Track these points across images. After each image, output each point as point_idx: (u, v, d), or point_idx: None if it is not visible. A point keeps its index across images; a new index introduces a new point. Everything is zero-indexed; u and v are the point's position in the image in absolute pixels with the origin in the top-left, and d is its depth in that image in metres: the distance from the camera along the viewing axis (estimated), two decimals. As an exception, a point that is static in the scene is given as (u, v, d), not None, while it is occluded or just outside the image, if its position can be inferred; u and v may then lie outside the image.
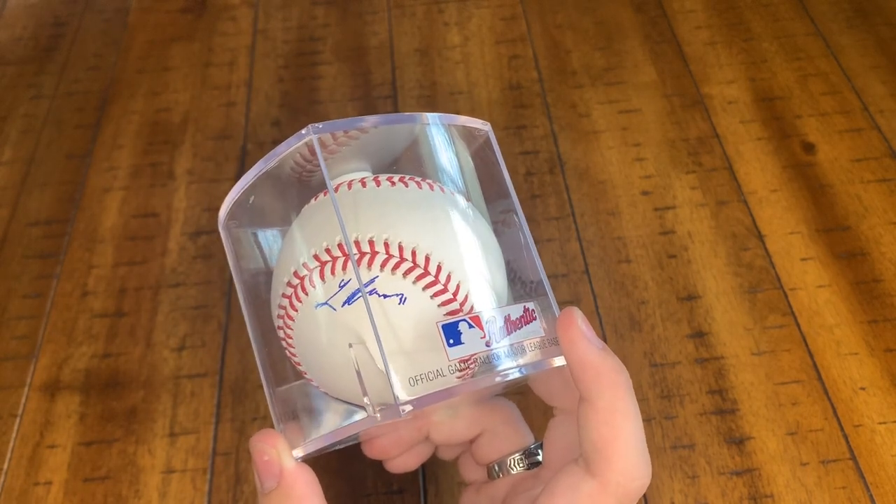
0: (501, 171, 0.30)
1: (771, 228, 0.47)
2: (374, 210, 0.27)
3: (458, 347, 0.26)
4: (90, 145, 0.53)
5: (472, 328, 0.26)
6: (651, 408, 0.40)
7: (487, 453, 0.32)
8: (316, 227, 0.28)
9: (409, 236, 0.27)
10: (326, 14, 0.61)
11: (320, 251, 0.27)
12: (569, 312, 0.26)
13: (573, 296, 0.44)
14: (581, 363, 0.26)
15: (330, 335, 0.27)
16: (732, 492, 0.37)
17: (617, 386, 0.26)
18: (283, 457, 0.27)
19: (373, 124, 0.28)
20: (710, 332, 0.42)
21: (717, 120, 0.53)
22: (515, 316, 0.27)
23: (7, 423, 0.41)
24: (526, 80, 0.56)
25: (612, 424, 0.25)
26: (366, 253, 0.26)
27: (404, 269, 0.26)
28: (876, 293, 0.44)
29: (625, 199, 0.48)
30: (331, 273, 0.27)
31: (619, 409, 0.25)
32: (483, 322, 0.26)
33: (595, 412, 0.26)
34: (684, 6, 0.60)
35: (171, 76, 0.57)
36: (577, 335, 0.26)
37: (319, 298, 0.27)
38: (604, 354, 0.26)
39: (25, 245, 0.48)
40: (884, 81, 0.54)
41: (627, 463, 0.25)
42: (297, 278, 0.27)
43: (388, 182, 0.28)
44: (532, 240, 0.30)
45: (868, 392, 0.40)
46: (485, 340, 0.26)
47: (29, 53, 0.60)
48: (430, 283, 0.26)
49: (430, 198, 0.28)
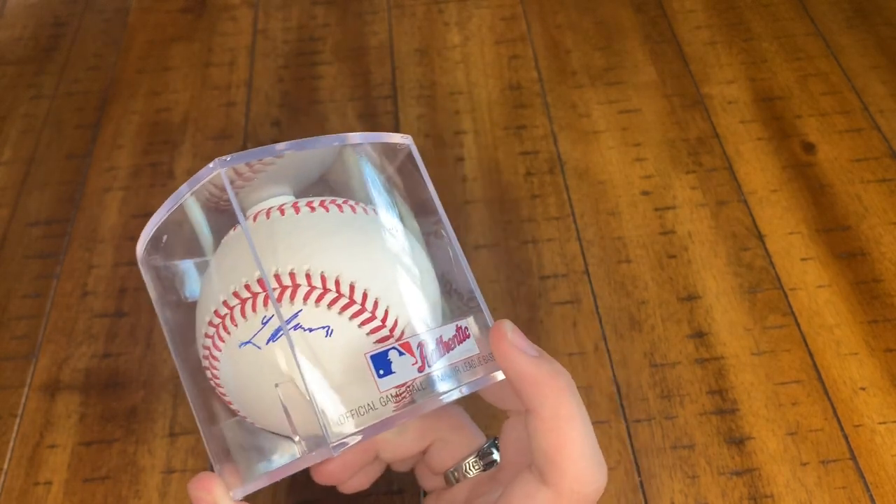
0: (426, 184, 0.30)
1: (771, 228, 0.47)
2: (294, 240, 0.26)
3: (388, 378, 0.25)
4: (90, 145, 0.53)
5: (402, 355, 0.25)
6: (651, 408, 0.40)
7: (441, 461, 0.31)
8: (233, 262, 0.27)
9: (331, 265, 0.26)
10: (326, 14, 0.61)
11: (240, 288, 0.26)
12: (498, 327, 0.26)
13: (573, 296, 0.44)
14: (517, 375, 0.26)
15: (257, 374, 0.26)
16: (732, 492, 0.37)
17: (558, 391, 0.25)
18: (218, 500, 0.26)
19: (283, 151, 0.27)
20: (710, 332, 0.42)
21: (717, 120, 0.53)
22: (448, 336, 0.27)
23: (7, 423, 0.41)
24: (526, 80, 0.56)
25: (559, 431, 0.25)
26: (287, 286, 0.25)
27: (328, 300, 0.26)
28: (876, 293, 0.44)
29: (625, 199, 0.48)
30: (251, 310, 0.26)
31: (563, 416, 0.25)
32: (413, 347, 0.26)
33: (541, 421, 0.25)
34: (684, 6, 0.60)
35: (171, 76, 0.57)
36: (507, 348, 0.26)
37: (243, 337, 0.26)
38: (538, 362, 0.26)
39: (25, 245, 0.48)
40: (884, 81, 0.54)
41: (579, 469, 0.25)
42: (217, 317, 0.26)
43: (307, 208, 0.27)
44: (461, 252, 0.29)
45: (868, 392, 0.40)
46: (416, 366, 0.25)
47: (29, 53, 0.60)
48: (357, 312, 0.26)
49: (352, 221, 0.28)
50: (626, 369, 0.41)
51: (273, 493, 0.38)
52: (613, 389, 0.41)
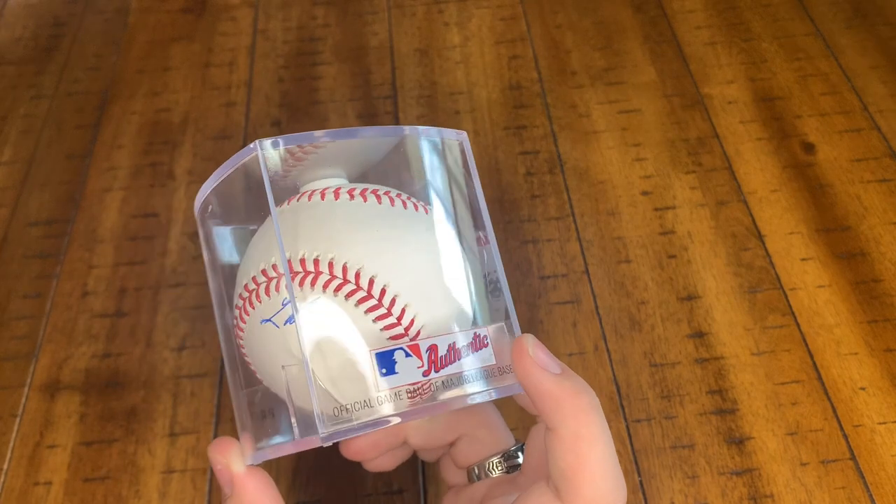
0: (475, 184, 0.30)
1: (771, 228, 0.47)
2: (324, 227, 0.27)
3: (390, 377, 0.25)
4: (90, 145, 0.53)
5: (409, 357, 0.25)
6: (651, 408, 0.40)
7: (466, 457, 0.31)
8: (268, 241, 0.27)
9: (354, 257, 0.26)
10: (326, 14, 0.61)
11: (268, 266, 0.27)
12: (519, 342, 0.26)
13: (573, 296, 0.44)
14: (538, 393, 0.25)
15: (273, 351, 0.26)
16: (732, 492, 0.37)
17: (578, 412, 0.25)
18: (232, 464, 0.27)
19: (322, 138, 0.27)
20: (710, 332, 0.42)
21: (717, 120, 0.53)
22: (463, 343, 0.26)
23: (7, 423, 0.41)
24: (526, 80, 0.56)
25: (577, 452, 0.25)
26: (309, 272, 0.26)
27: (346, 291, 0.26)
28: (876, 293, 0.44)
29: (625, 199, 0.48)
30: (275, 290, 0.26)
31: (584, 436, 0.25)
32: (422, 350, 0.25)
33: (559, 440, 0.25)
34: (684, 6, 0.60)
35: (171, 76, 0.57)
36: (529, 365, 0.25)
37: (265, 314, 0.26)
38: (560, 380, 0.25)
39: (25, 245, 0.48)
40: (884, 81, 0.54)
41: (596, 490, 0.25)
42: (246, 291, 0.27)
43: (347, 195, 0.28)
44: (500, 262, 0.29)
45: (868, 392, 0.40)
46: (422, 370, 0.25)
47: (29, 53, 0.60)
48: (373, 307, 0.26)
49: (389, 214, 0.27)
50: (626, 369, 0.41)
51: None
52: (613, 389, 0.41)
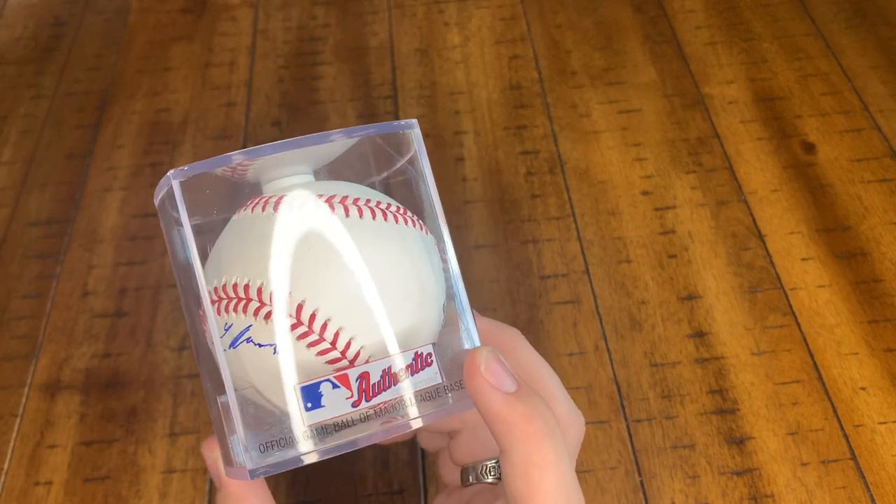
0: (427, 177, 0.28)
1: (771, 228, 0.47)
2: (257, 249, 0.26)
3: (317, 411, 0.24)
4: (90, 145, 0.53)
5: (336, 388, 0.24)
6: (651, 408, 0.40)
7: (464, 453, 0.31)
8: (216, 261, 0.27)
9: (282, 282, 0.25)
10: (326, 14, 0.61)
11: (218, 287, 0.26)
12: (471, 358, 0.24)
13: (573, 296, 0.44)
14: (489, 414, 0.24)
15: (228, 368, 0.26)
16: (733, 492, 0.37)
17: (530, 437, 0.23)
18: (220, 461, 0.26)
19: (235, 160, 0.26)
20: (711, 332, 0.42)
21: (717, 120, 0.53)
22: (400, 366, 0.25)
23: (7, 423, 0.41)
24: (526, 80, 0.56)
25: (528, 479, 0.24)
26: (241, 298, 0.25)
27: (279, 319, 0.25)
28: (876, 293, 0.44)
29: (625, 199, 0.48)
30: (217, 314, 0.26)
31: (535, 463, 0.23)
32: (351, 381, 0.24)
33: (511, 466, 0.24)
34: (684, 6, 0.60)
35: (171, 76, 0.57)
36: (480, 385, 0.24)
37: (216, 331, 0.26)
38: (512, 402, 0.24)
39: (25, 245, 0.48)
40: (884, 81, 0.54)
41: None
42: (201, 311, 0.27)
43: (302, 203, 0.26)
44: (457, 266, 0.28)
45: (868, 392, 0.40)
46: (351, 401, 0.24)
47: (29, 53, 0.60)
48: (304, 334, 0.25)
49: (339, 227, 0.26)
50: (626, 369, 0.41)
51: (272, 492, 0.38)
52: (614, 389, 0.41)
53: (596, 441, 0.39)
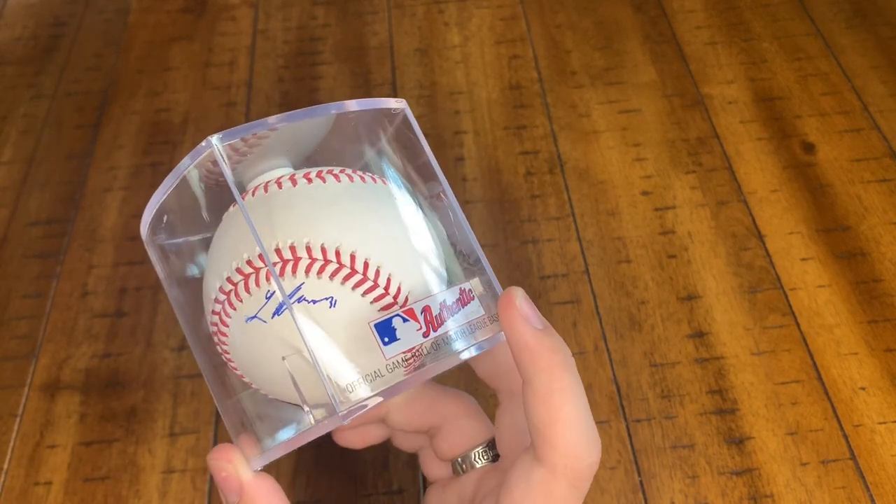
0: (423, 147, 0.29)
1: (771, 228, 0.47)
2: (292, 213, 0.26)
3: (393, 345, 0.25)
4: (90, 145, 0.53)
5: (406, 322, 0.25)
6: (651, 408, 0.40)
7: (451, 447, 0.31)
8: (235, 238, 0.27)
9: (331, 236, 0.26)
10: (326, 14, 0.61)
11: (242, 263, 0.26)
12: (509, 293, 0.26)
13: (573, 296, 0.44)
14: (518, 344, 0.25)
15: (265, 348, 0.26)
16: (732, 492, 0.37)
17: (553, 366, 0.25)
18: (240, 470, 0.26)
19: (276, 124, 0.27)
20: (710, 332, 0.42)
21: (717, 120, 0.53)
22: (452, 300, 0.27)
23: (7, 423, 0.41)
24: (526, 80, 0.56)
25: (550, 405, 0.25)
26: (288, 260, 0.25)
27: (330, 271, 0.26)
28: (876, 293, 0.44)
29: (625, 199, 0.48)
30: (255, 285, 0.26)
31: (556, 390, 0.25)
32: (417, 313, 0.26)
33: (534, 394, 0.25)
34: (684, 6, 0.60)
35: (171, 76, 0.57)
36: (514, 316, 0.25)
37: (249, 312, 0.26)
38: (540, 335, 0.25)
39: (25, 245, 0.48)
40: (884, 81, 0.54)
41: (570, 443, 0.25)
42: (223, 293, 0.27)
43: (304, 179, 0.27)
44: (462, 215, 0.29)
45: (868, 392, 0.40)
46: (421, 332, 0.25)
47: (29, 53, 0.60)
48: (360, 282, 0.26)
49: (351, 190, 0.28)
50: (626, 369, 0.41)
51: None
52: (613, 389, 0.41)
53: (596, 441, 0.39)
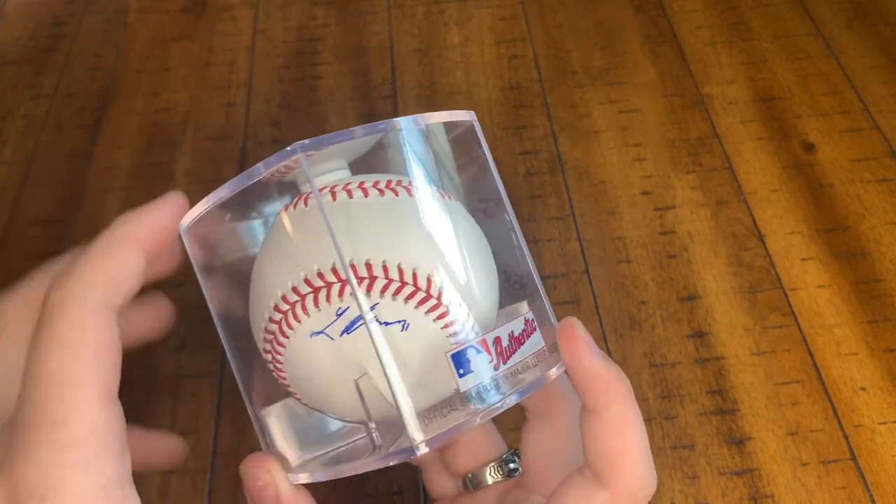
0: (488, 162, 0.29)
1: (771, 228, 0.47)
2: (367, 227, 0.26)
3: (468, 377, 0.24)
4: (90, 145, 0.53)
5: (479, 353, 0.25)
6: (651, 408, 0.40)
7: (465, 462, 0.31)
8: (304, 247, 0.26)
9: (407, 257, 0.25)
10: (326, 14, 0.61)
11: (312, 276, 0.25)
12: (570, 324, 0.26)
13: (573, 296, 0.44)
14: (586, 375, 0.25)
15: (328, 366, 0.25)
16: (732, 492, 0.37)
17: (623, 397, 0.25)
18: (278, 481, 0.26)
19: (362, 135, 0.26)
20: (710, 332, 0.42)
21: (717, 120, 0.53)
22: (518, 331, 0.26)
23: (7, 424, 0.41)
24: (526, 80, 0.56)
25: (622, 436, 0.25)
26: (363, 278, 0.24)
27: (406, 293, 0.25)
28: (876, 293, 0.44)
29: (625, 199, 0.48)
30: (326, 300, 0.25)
31: (629, 421, 0.25)
32: (490, 345, 0.25)
33: (603, 424, 0.25)
34: (684, 6, 0.60)
35: (171, 76, 0.57)
36: (581, 347, 0.25)
37: (314, 327, 0.25)
38: (607, 365, 0.26)
39: (25, 245, 0.48)
40: (884, 81, 0.54)
41: (637, 473, 0.25)
42: (286, 303, 0.25)
43: (375, 190, 0.26)
44: (523, 237, 0.29)
45: (868, 392, 0.40)
46: (493, 364, 0.25)
47: (29, 53, 0.60)
48: (433, 307, 0.25)
49: (422, 207, 0.27)
50: (626, 369, 0.41)
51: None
52: (613, 389, 0.41)
53: (596, 441, 0.39)
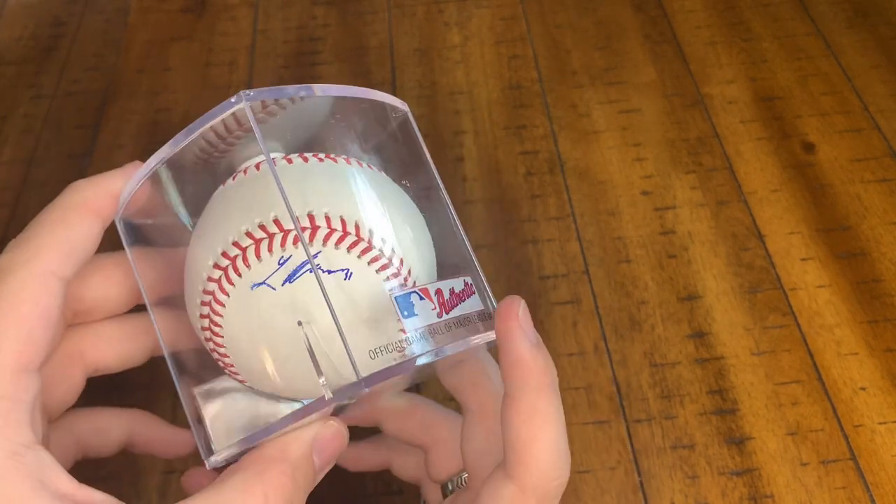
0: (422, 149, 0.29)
1: (771, 228, 0.47)
2: (306, 185, 0.26)
3: (413, 319, 0.25)
4: (90, 145, 0.53)
5: (422, 300, 0.25)
6: (651, 408, 0.40)
7: (444, 468, 0.31)
8: (244, 203, 0.26)
9: (350, 210, 0.25)
10: (326, 14, 0.61)
11: (253, 228, 0.25)
12: (511, 303, 0.25)
13: (573, 296, 0.44)
14: (511, 357, 0.25)
15: (269, 316, 0.25)
16: (732, 492, 0.37)
17: (541, 387, 0.25)
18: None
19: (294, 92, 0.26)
20: (710, 332, 0.42)
21: (717, 120, 0.53)
22: (459, 289, 0.27)
23: (7, 424, 0.41)
24: (526, 80, 0.56)
25: (531, 425, 0.25)
26: (306, 228, 0.25)
27: (348, 242, 0.25)
28: (876, 293, 0.44)
29: (625, 199, 0.48)
30: (267, 251, 0.25)
31: (540, 411, 0.25)
32: (432, 294, 0.26)
33: (517, 411, 0.25)
34: (684, 6, 0.60)
35: (171, 76, 0.57)
36: (513, 327, 0.25)
37: (256, 279, 0.25)
38: (535, 352, 0.25)
39: (25, 245, 0.48)
40: (884, 81, 0.54)
41: (544, 465, 0.25)
42: (226, 259, 0.25)
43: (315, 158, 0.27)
44: (458, 220, 0.29)
45: (868, 392, 0.40)
46: (436, 312, 0.25)
47: (29, 53, 0.60)
48: (376, 258, 0.25)
49: (361, 173, 0.27)
50: (626, 369, 0.41)
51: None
52: (613, 389, 0.41)
53: (596, 441, 0.39)
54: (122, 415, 0.32)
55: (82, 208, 0.26)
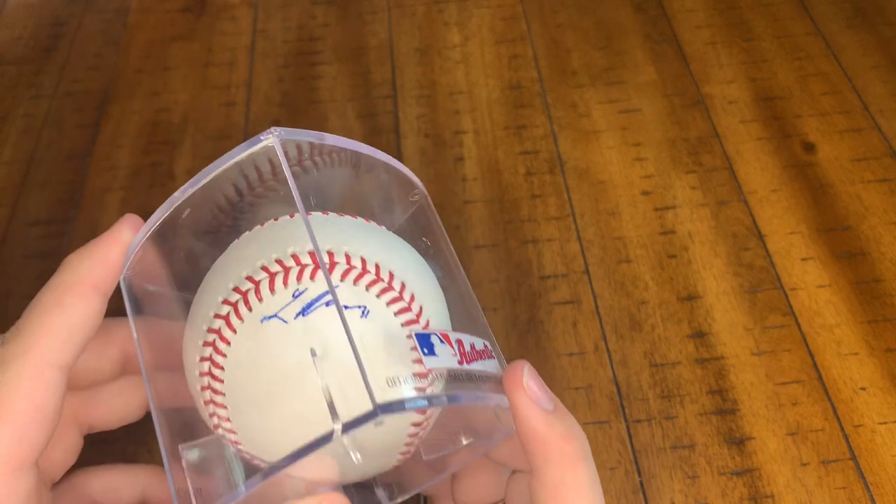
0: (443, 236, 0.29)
1: (771, 228, 0.47)
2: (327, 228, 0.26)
3: (433, 358, 0.24)
4: (90, 145, 0.53)
5: (443, 343, 0.24)
6: (651, 408, 0.40)
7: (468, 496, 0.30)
8: (262, 243, 0.26)
9: (368, 251, 0.25)
10: (326, 14, 0.61)
11: (269, 262, 0.24)
12: (514, 370, 0.24)
13: (573, 296, 0.44)
14: (526, 430, 0.23)
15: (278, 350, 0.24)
16: (732, 492, 0.37)
17: (565, 458, 0.23)
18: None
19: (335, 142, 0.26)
20: (710, 332, 0.42)
21: (718, 120, 0.53)
22: (479, 347, 0.26)
23: (7, 424, 0.41)
24: (526, 80, 0.56)
25: (559, 501, 0.23)
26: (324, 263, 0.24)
27: (367, 281, 0.25)
28: (876, 293, 0.44)
29: (625, 199, 0.48)
30: (283, 283, 0.24)
31: (568, 485, 0.23)
32: (452, 341, 0.25)
33: (542, 486, 0.23)
34: (684, 6, 0.60)
35: (171, 76, 0.57)
36: (521, 399, 0.23)
37: (267, 311, 0.24)
38: (551, 420, 0.23)
39: (25, 245, 0.48)
40: (884, 81, 0.54)
41: None
42: (237, 294, 0.24)
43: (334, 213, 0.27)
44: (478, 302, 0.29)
45: (868, 392, 0.40)
46: (456, 359, 0.24)
47: (29, 53, 0.60)
48: (394, 299, 0.25)
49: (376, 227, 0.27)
50: (626, 369, 0.41)
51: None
52: (613, 389, 0.41)
53: (596, 441, 0.39)
54: (135, 472, 0.31)
55: (78, 287, 0.25)
